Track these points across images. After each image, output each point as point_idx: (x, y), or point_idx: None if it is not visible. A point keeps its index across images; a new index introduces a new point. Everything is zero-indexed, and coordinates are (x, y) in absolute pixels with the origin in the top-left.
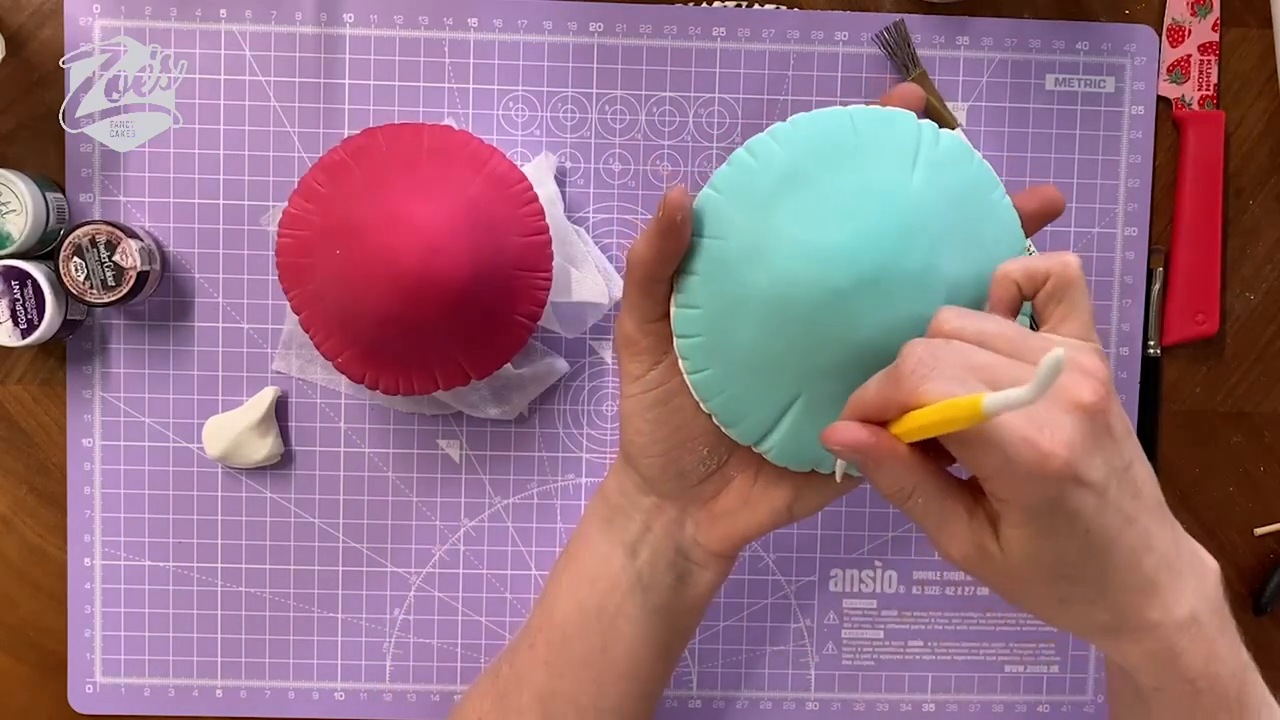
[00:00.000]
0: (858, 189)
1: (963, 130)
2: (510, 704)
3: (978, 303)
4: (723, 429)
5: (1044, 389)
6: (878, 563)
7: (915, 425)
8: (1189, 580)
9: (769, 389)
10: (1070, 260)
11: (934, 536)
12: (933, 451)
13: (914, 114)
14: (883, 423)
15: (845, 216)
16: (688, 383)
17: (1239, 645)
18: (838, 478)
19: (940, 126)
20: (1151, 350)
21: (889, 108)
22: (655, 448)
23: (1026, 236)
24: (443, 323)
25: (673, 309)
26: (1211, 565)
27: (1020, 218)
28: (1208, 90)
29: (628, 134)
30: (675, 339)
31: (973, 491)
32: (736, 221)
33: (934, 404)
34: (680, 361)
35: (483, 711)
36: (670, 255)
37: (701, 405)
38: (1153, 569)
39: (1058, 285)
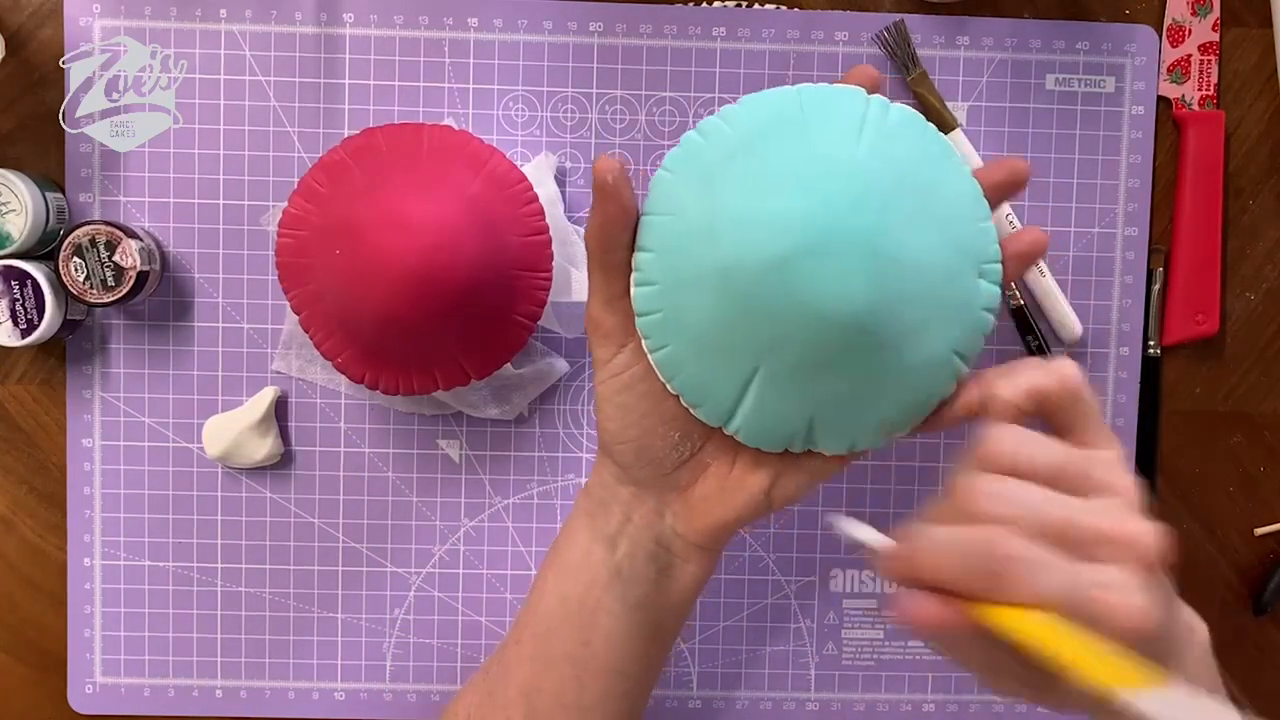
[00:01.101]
0: (801, 158)
1: (963, 130)
2: (497, 699)
3: (934, 269)
4: (690, 410)
5: None
6: None
7: (1015, 629)
8: (1188, 652)
9: (728, 364)
10: (1069, 374)
11: (1000, 681)
12: None
13: (863, 89)
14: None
15: (788, 184)
16: (651, 362)
17: (1229, 705)
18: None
19: (940, 126)
20: (1151, 350)
21: (839, 85)
22: (627, 433)
23: (993, 207)
24: (443, 323)
25: (632, 287)
26: (1202, 629)
27: (986, 189)
28: (1208, 90)
29: (628, 134)
30: (636, 317)
31: None
32: (686, 198)
33: (1043, 625)
34: (643, 341)
35: (471, 707)
36: (613, 220)
37: (667, 386)
38: (1169, 662)
39: (1065, 402)
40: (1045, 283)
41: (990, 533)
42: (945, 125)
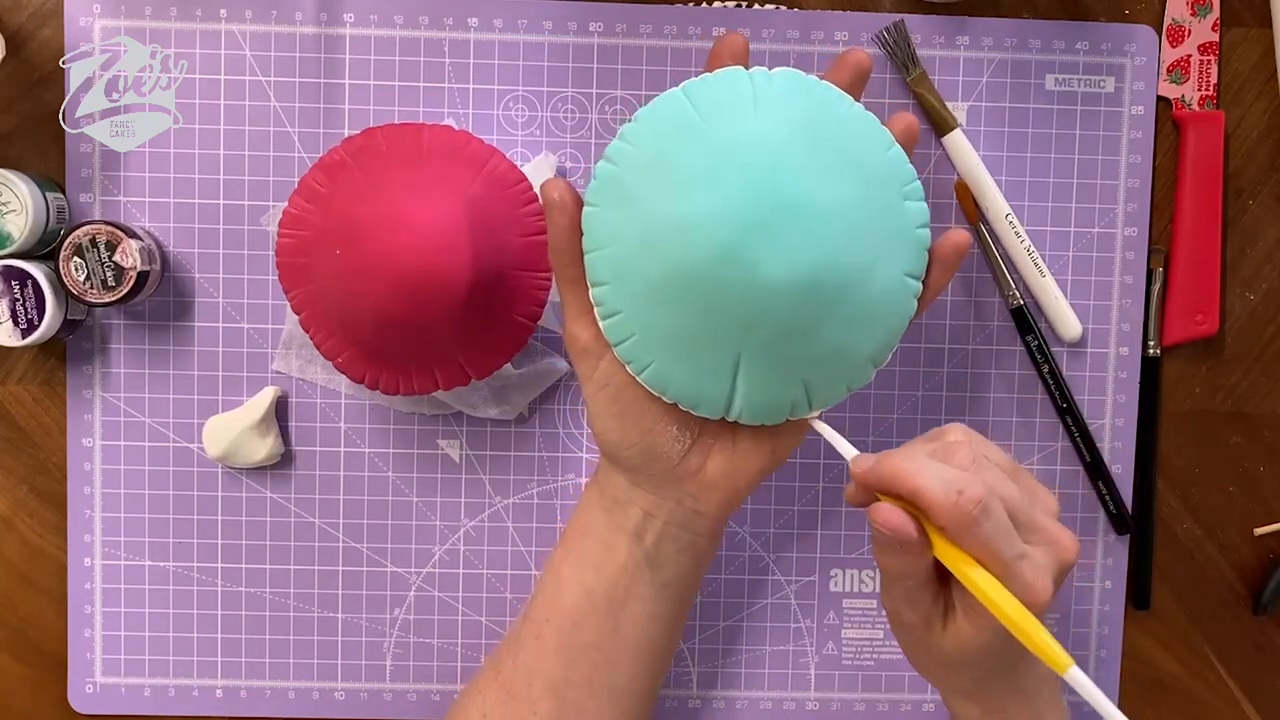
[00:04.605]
0: (710, 151)
1: (962, 130)
2: (519, 695)
3: (864, 209)
4: (690, 411)
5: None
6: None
7: (966, 570)
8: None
9: (711, 360)
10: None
11: (897, 597)
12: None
13: (741, 67)
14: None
15: (707, 180)
16: (640, 381)
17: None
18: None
19: (940, 126)
20: (1151, 350)
21: (717, 71)
22: (628, 438)
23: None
24: (443, 323)
25: (599, 321)
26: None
27: (845, 89)
28: (1208, 90)
29: None
30: (612, 347)
31: (940, 577)
32: (618, 224)
33: (994, 583)
34: (627, 366)
35: (486, 708)
36: (566, 232)
37: (661, 398)
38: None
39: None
40: (1045, 283)
41: (974, 480)
42: (945, 125)
